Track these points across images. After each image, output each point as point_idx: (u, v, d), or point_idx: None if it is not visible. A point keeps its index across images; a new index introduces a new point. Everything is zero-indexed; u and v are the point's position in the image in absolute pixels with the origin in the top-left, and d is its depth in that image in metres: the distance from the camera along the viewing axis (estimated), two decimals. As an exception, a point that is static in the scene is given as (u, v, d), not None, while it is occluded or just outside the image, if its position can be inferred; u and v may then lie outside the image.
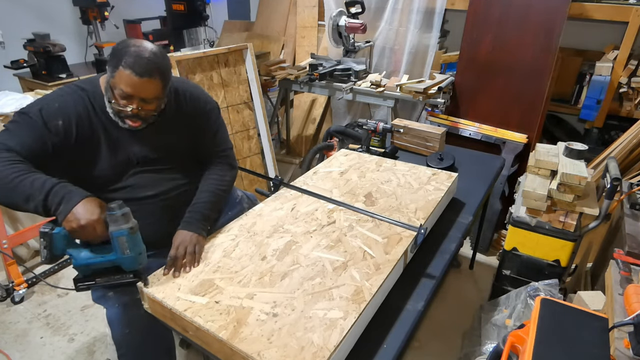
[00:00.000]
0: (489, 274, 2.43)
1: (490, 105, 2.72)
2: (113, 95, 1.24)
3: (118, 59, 1.20)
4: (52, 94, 1.30)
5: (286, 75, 3.09)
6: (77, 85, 1.32)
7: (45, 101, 1.26)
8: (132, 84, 1.20)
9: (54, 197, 1.09)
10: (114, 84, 1.22)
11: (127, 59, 1.19)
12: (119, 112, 1.27)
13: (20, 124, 1.21)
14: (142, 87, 1.22)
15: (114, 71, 1.21)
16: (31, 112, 1.22)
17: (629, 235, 1.57)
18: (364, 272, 1.19)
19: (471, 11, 2.67)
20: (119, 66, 1.19)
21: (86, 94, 1.30)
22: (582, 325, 0.99)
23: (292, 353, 0.94)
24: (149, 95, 1.25)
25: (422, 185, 1.67)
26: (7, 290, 2.26)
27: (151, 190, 1.40)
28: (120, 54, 1.20)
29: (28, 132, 1.20)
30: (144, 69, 1.20)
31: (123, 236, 1.08)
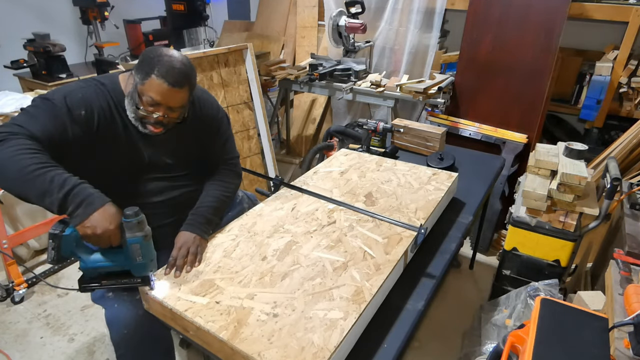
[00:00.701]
0: (489, 274, 2.43)
1: (490, 105, 2.72)
2: (141, 101, 1.24)
3: (150, 67, 1.20)
4: (74, 84, 1.29)
5: (286, 75, 3.09)
6: (97, 79, 1.32)
7: (69, 89, 1.24)
8: (163, 93, 1.22)
9: (73, 198, 1.06)
10: (143, 90, 1.22)
11: (160, 68, 1.20)
12: (143, 117, 1.28)
13: (43, 109, 1.18)
14: (172, 96, 1.23)
15: (145, 78, 1.21)
16: (55, 98, 1.20)
17: (629, 235, 1.57)
18: (364, 273, 1.19)
19: (471, 11, 2.67)
20: (150, 74, 1.20)
21: (106, 89, 1.29)
22: (582, 325, 0.99)
23: (293, 353, 0.94)
24: (177, 104, 1.27)
25: (423, 185, 1.67)
26: (7, 290, 2.26)
27: (161, 197, 1.40)
28: (152, 63, 1.21)
29: (50, 118, 1.17)
30: (175, 79, 1.21)
31: (137, 244, 1.07)
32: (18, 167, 1.05)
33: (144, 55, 1.25)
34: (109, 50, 3.47)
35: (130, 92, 1.27)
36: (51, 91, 1.25)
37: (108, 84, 1.30)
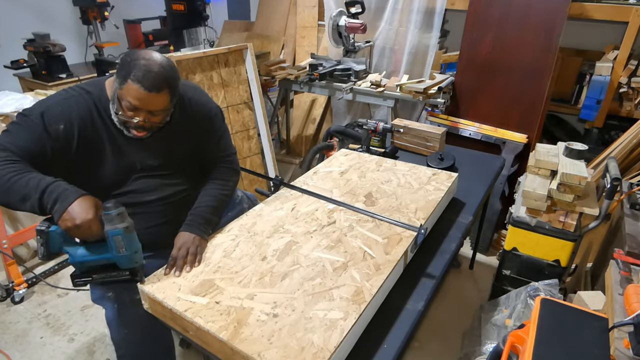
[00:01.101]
0: (489, 274, 2.43)
1: (490, 105, 2.72)
2: (120, 106, 1.24)
3: (127, 72, 1.19)
4: (56, 96, 1.29)
5: (286, 75, 3.09)
6: (83, 87, 1.31)
7: (48, 104, 1.25)
8: (140, 98, 1.20)
9: (49, 196, 1.09)
10: (122, 95, 1.21)
11: (136, 73, 1.18)
12: (124, 122, 1.27)
13: (20, 126, 1.20)
14: (150, 100, 1.21)
15: (122, 83, 1.20)
16: (32, 114, 1.21)
17: (629, 235, 1.57)
18: (364, 273, 1.19)
19: (471, 11, 2.67)
20: (127, 79, 1.18)
21: (91, 97, 1.29)
22: (582, 325, 0.99)
23: (293, 354, 0.94)
24: (156, 108, 1.25)
25: (422, 185, 1.67)
26: (7, 290, 2.26)
27: (153, 195, 1.40)
28: (129, 67, 1.19)
29: (27, 134, 1.19)
30: (152, 84, 1.19)
31: (119, 235, 1.09)
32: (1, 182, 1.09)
33: (122, 59, 1.23)
34: (109, 50, 3.47)
35: (112, 97, 1.26)
36: (32, 106, 1.26)
37: (94, 92, 1.30)
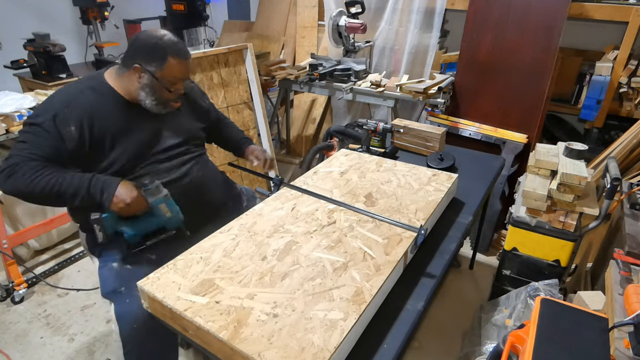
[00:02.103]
0: (489, 274, 2.44)
1: (490, 105, 2.72)
2: (166, 85, 1.34)
3: (162, 53, 1.30)
4: (62, 96, 1.33)
5: (286, 75, 3.09)
6: (86, 85, 1.36)
7: (56, 108, 1.29)
8: (182, 69, 1.35)
9: (94, 188, 1.25)
10: (164, 75, 1.32)
11: (170, 50, 1.31)
12: (167, 100, 1.39)
13: (35, 135, 1.26)
14: (187, 67, 1.38)
15: (162, 64, 1.31)
16: (44, 122, 1.26)
17: (629, 235, 1.57)
18: (364, 273, 1.19)
19: (471, 11, 2.67)
20: (166, 57, 1.31)
21: (94, 92, 1.34)
22: (582, 325, 0.99)
23: (293, 354, 0.94)
24: (189, 72, 1.41)
25: (423, 186, 1.67)
26: (7, 290, 2.26)
27: (166, 178, 1.45)
28: (158, 48, 1.30)
29: (43, 142, 1.26)
30: (185, 52, 1.35)
31: (162, 203, 1.33)
32: (39, 188, 1.21)
33: (145, 45, 1.31)
34: (109, 50, 3.47)
35: (145, 85, 1.34)
36: (40, 110, 1.30)
37: (98, 87, 1.36)
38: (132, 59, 1.34)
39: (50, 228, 2.51)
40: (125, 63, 1.36)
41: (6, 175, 1.23)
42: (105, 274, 1.41)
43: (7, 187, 1.24)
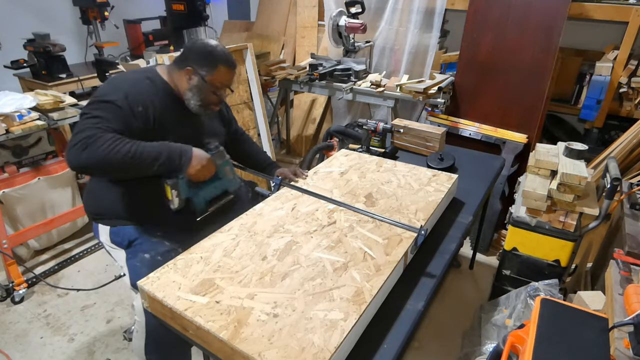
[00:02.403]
0: (489, 274, 2.44)
1: (490, 105, 2.72)
2: (213, 89, 1.46)
3: (213, 60, 1.44)
4: (124, 80, 1.42)
5: (286, 75, 3.09)
6: (144, 75, 1.44)
7: (126, 88, 1.36)
8: (229, 77, 1.50)
9: (173, 153, 1.33)
10: (213, 80, 1.45)
11: (221, 58, 1.45)
12: (209, 103, 1.50)
13: (108, 111, 1.30)
14: (233, 76, 1.53)
15: (212, 71, 1.44)
16: (118, 99, 1.32)
17: (629, 235, 1.57)
18: (364, 273, 1.19)
19: (471, 11, 2.67)
20: (217, 65, 1.44)
21: (154, 84, 1.42)
22: (582, 325, 0.99)
23: (293, 354, 0.94)
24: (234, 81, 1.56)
25: (423, 186, 1.67)
26: (7, 290, 2.26)
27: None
28: (212, 55, 1.44)
29: (116, 117, 1.30)
30: (233, 62, 1.50)
31: (228, 165, 1.48)
32: (120, 156, 1.24)
33: (200, 51, 1.45)
34: (109, 50, 3.47)
35: (194, 86, 1.45)
36: (107, 90, 1.35)
37: (154, 79, 1.45)
38: (185, 62, 1.45)
39: (50, 228, 2.51)
40: (178, 64, 1.47)
41: (81, 147, 1.22)
42: (135, 264, 1.44)
43: (82, 160, 1.23)
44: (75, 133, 1.26)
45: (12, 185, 2.31)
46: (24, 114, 2.21)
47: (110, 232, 1.50)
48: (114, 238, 1.50)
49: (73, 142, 1.24)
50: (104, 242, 1.55)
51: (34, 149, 2.42)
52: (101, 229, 1.53)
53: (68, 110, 2.42)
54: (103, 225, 1.53)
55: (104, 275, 2.45)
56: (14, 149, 2.32)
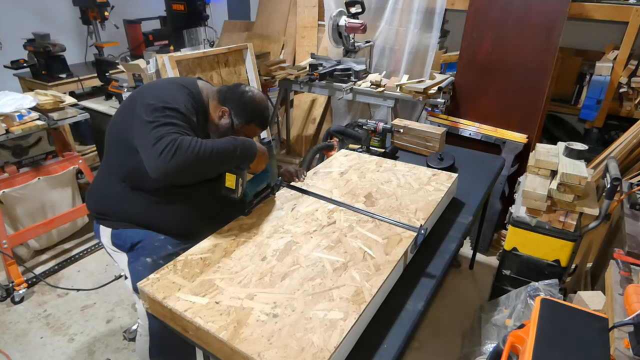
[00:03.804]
0: (489, 274, 2.44)
1: (490, 105, 2.72)
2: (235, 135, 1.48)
3: (251, 116, 1.50)
4: (177, 92, 1.40)
5: (286, 75, 3.09)
6: (186, 87, 1.44)
7: (183, 97, 1.38)
8: (257, 133, 1.58)
9: (244, 145, 1.36)
10: (241, 130, 1.50)
11: (258, 118, 1.52)
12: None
13: (176, 118, 1.31)
14: (260, 131, 1.59)
15: (246, 124, 1.50)
16: (180, 107, 1.34)
17: (629, 235, 1.57)
18: (364, 273, 1.19)
19: (471, 11, 2.67)
20: (251, 122, 1.50)
21: (194, 99, 1.43)
22: (582, 325, 0.99)
23: (293, 354, 0.94)
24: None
25: (422, 185, 1.67)
26: (7, 290, 2.26)
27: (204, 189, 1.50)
28: (251, 113, 1.50)
29: (185, 123, 1.32)
30: (266, 124, 1.59)
31: (274, 160, 1.57)
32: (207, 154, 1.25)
33: (244, 104, 1.49)
34: (109, 50, 3.48)
35: (222, 125, 1.49)
36: (166, 98, 1.35)
37: (195, 95, 1.45)
38: (228, 101, 1.49)
39: (50, 228, 2.51)
40: (218, 97, 1.51)
41: (169, 153, 1.20)
42: (138, 268, 1.42)
43: (172, 165, 1.21)
44: (154, 142, 1.22)
45: (12, 185, 2.31)
46: (24, 114, 2.21)
47: (112, 235, 1.48)
48: (116, 241, 1.48)
49: (157, 150, 1.21)
50: (105, 243, 1.53)
51: (34, 149, 2.42)
52: (102, 230, 1.51)
53: (68, 110, 2.42)
54: (105, 227, 1.51)
55: (104, 275, 2.46)
56: (14, 149, 2.32)
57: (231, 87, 1.53)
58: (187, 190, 1.44)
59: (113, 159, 1.46)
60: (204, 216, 1.51)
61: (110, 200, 1.48)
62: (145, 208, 1.44)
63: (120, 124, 1.42)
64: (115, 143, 1.44)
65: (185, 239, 1.48)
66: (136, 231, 1.46)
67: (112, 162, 1.46)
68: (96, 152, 3.37)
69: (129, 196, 1.44)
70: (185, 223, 1.48)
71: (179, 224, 1.47)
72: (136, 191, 1.43)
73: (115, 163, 1.45)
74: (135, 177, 1.39)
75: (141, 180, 1.38)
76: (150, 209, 1.44)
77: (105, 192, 1.50)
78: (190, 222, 1.49)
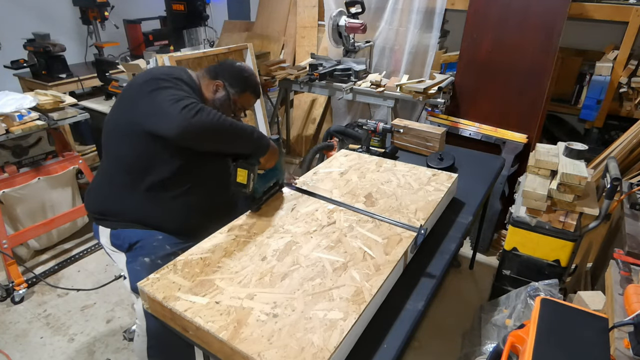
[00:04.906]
0: (489, 274, 2.44)
1: (490, 105, 2.72)
2: (229, 108, 1.53)
3: (245, 85, 1.54)
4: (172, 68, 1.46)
5: (286, 75, 3.09)
6: (180, 69, 1.50)
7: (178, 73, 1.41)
8: (252, 103, 1.62)
9: (259, 134, 1.38)
10: (237, 100, 1.54)
11: (252, 86, 1.57)
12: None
13: (185, 89, 1.34)
14: (254, 103, 1.67)
15: (241, 93, 1.54)
16: (184, 78, 1.38)
17: (629, 235, 1.57)
18: (364, 273, 1.19)
19: (471, 11, 2.67)
20: (246, 90, 1.55)
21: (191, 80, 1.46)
22: (582, 325, 0.99)
23: (293, 354, 0.94)
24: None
25: (422, 186, 1.67)
26: (7, 290, 2.26)
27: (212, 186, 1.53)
28: (245, 81, 1.55)
29: (191, 93, 1.35)
30: (259, 93, 1.62)
31: (282, 156, 1.55)
32: (227, 124, 1.30)
33: (237, 73, 1.54)
34: (109, 50, 3.48)
35: (218, 99, 1.52)
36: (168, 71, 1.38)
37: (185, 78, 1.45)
38: (220, 74, 1.53)
39: (50, 228, 2.51)
40: (210, 73, 1.54)
41: (193, 110, 1.22)
42: (136, 268, 1.42)
43: (194, 122, 1.22)
44: (173, 102, 1.23)
45: (12, 185, 2.31)
46: (24, 114, 2.21)
47: (111, 235, 1.48)
48: (114, 241, 1.48)
49: (178, 107, 1.22)
50: (104, 244, 1.53)
51: (34, 149, 2.42)
52: (101, 230, 1.51)
53: (68, 110, 2.42)
54: (103, 228, 1.51)
55: (104, 275, 2.46)
56: (14, 149, 2.32)
57: (220, 63, 1.58)
58: (189, 186, 1.44)
59: (114, 154, 1.45)
60: (204, 213, 1.51)
61: (109, 200, 1.48)
62: (144, 206, 1.44)
63: (118, 114, 1.43)
64: (116, 135, 1.43)
65: (184, 238, 1.48)
66: (134, 231, 1.45)
67: (114, 158, 1.46)
68: (96, 152, 3.38)
69: (128, 194, 1.44)
70: (185, 220, 1.48)
71: (179, 221, 1.47)
72: (137, 187, 1.42)
73: (118, 156, 1.44)
74: (144, 164, 1.39)
75: (151, 166, 1.39)
76: (149, 206, 1.44)
77: (103, 192, 1.50)
78: (190, 219, 1.49)
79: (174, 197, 1.44)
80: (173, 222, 1.47)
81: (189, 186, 1.45)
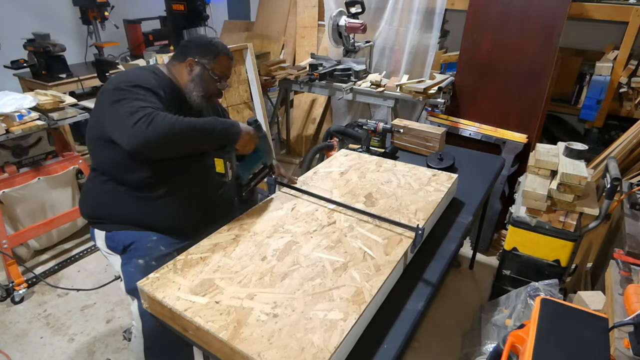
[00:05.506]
0: (489, 274, 2.44)
1: (490, 105, 2.72)
2: (211, 79, 1.49)
3: (214, 51, 1.50)
4: (139, 72, 1.42)
5: (286, 75, 3.09)
6: (150, 70, 1.45)
7: (146, 77, 1.38)
8: (229, 66, 1.56)
9: (226, 125, 1.36)
10: (215, 68, 1.50)
11: (221, 49, 1.52)
12: (211, 94, 1.52)
13: (144, 95, 1.30)
14: (232, 67, 1.58)
15: (214, 60, 1.49)
16: (145, 85, 1.33)
17: (629, 235, 1.57)
18: (364, 273, 1.19)
19: (471, 11, 2.67)
20: (218, 55, 1.50)
21: (159, 77, 1.44)
22: (582, 325, 0.99)
23: (293, 354, 0.94)
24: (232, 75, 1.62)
25: (422, 186, 1.67)
26: (7, 290, 2.26)
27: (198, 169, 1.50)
28: (211, 47, 1.50)
29: (155, 100, 1.32)
30: (231, 53, 1.55)
31: (266, 138, 1.53)
32: (184, 127, 1.27)
33: (198, 43, 1.50)
34: (109, 50, 3.47)
35: (196, 76, 1.48)
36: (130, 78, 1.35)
37: (159, 74, 1.46)
38: (185, 54, 1.49)
39: (50, 228, 2.51)
40: (177, 58, 1.51)
41: (145, 123, 1.20)
42: (130, 270, 1.41)
43: (148, 135, 1.20)
44: (127, 115, 1.21)
45: (12, 185, 2.31)
46: (24, 114, 2.21)
47: (106, 238, 1.48)
48: (109, 243, 1.48)
49: (131, 121, 1.20)
50: (100, 247, 1.53)
51: (34, 149, 2.42)
52: (97, 233, 1.51)
53: (68, 110, 2.42)
54: (99, 231, 1.51)
55: (104, 275, 2.46)
56: (14, 149, 2.32)
57: (181, 44, 1.55)
58: (173, 184, 1.43)
59: (96, 157, 1.46)
60: (195, 211, 1.50)
61: (101, 203, 1.48)
62: (133, 206, 1.44)
63: (94, 119, 1.43)
64: (93, 140, 1.43)
65: (179, 237, 1.47)
66: (128, 233, 1.45)
67: (97, 161, 1.47)
68: (96, 152, 3.36)
69: (118, 196, 1.44)
70: (176, 218, 1.47)
71: (170, 220, 1.46)
72: (123, 188, 1.43)
73: (97, 161, 1.46)
74: (116, 170, 1.39)
75: (121, 173, 1.38)
76: (138, 206, 1.44)
77: (95, 195, 1.50)
78: (181, 217, 1.48)
79: (160, 197, 1.43)
80: (164, 221, 1.46)
81: (172, 184, 1.43)
